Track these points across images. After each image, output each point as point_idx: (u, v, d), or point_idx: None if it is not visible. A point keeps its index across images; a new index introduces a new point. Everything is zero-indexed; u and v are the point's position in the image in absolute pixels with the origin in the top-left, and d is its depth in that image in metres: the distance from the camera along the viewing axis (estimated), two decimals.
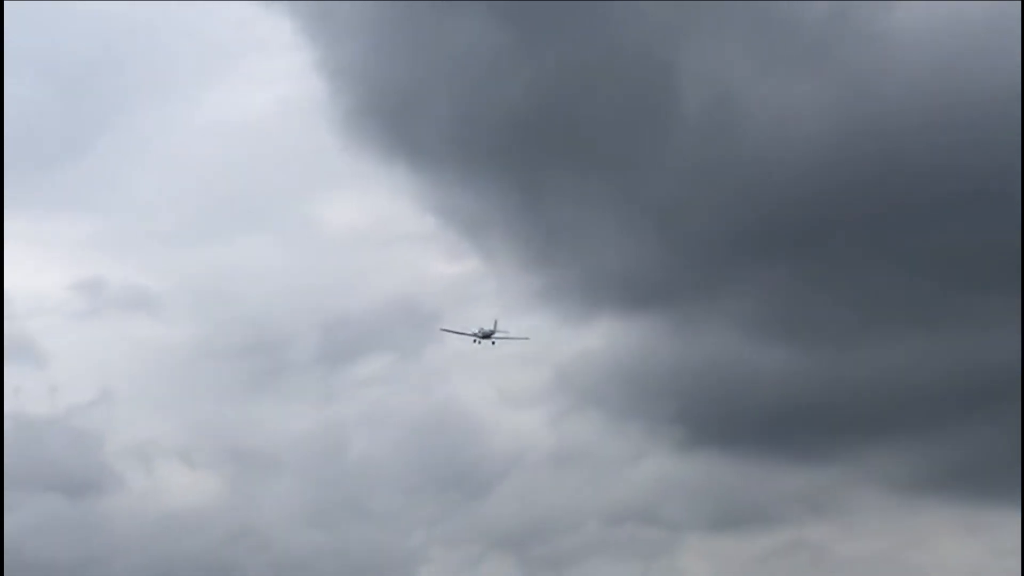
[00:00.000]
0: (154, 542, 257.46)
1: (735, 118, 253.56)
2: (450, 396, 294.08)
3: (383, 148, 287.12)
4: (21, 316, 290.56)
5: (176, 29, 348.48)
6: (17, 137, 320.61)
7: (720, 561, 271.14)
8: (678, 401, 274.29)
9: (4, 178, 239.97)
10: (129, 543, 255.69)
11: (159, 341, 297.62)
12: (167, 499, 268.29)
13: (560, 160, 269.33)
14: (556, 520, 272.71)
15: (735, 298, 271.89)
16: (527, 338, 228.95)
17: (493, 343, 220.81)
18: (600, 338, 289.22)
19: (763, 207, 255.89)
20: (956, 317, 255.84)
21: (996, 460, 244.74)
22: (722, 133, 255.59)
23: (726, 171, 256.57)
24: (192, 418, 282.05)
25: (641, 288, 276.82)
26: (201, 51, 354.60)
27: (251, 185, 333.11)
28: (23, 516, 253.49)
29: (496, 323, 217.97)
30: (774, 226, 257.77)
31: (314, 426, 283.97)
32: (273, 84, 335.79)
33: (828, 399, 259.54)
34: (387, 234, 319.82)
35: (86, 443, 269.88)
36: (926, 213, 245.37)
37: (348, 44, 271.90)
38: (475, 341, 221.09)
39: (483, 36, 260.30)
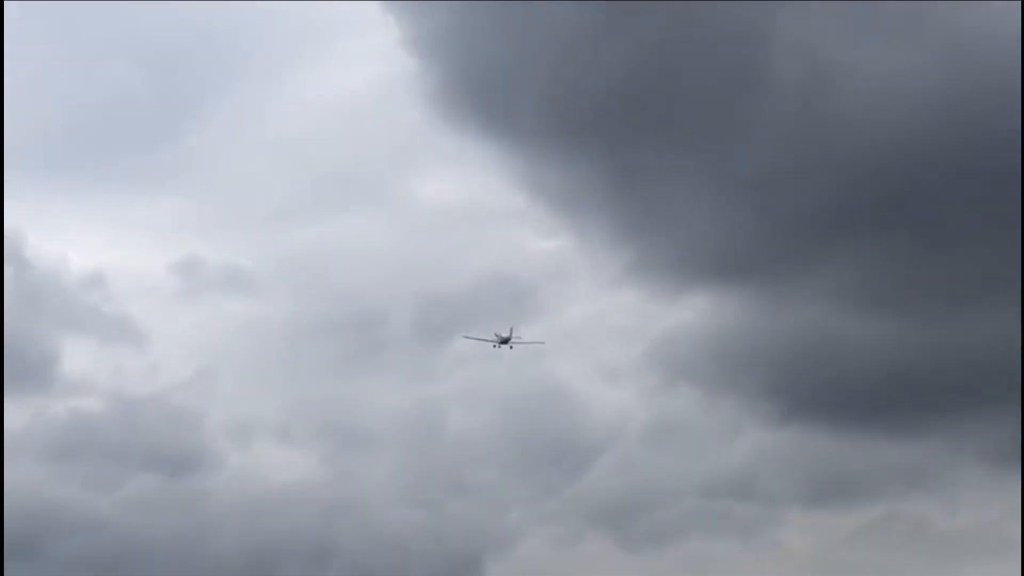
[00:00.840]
0: (252, 519, 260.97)
1: (828, 89, 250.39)
2: (545, 372, 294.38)
3: (474, 125, 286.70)
4: (120, 297, 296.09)
5: (266, 11, 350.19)
6: (113, 120, 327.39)
7: (818, 535, 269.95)
8: (773, 374, 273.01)
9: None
10: (227, 520, 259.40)
11: (257, 319, 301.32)
12: (265, 476, 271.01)
13: (651, 134, 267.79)
14: (653, 495, 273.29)
15: (829, 270, 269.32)
16: (543, 343, 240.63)
17: (511, 347, 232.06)
18: (693, 312, 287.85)
19: (857, 177, 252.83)
20: None
21: None
22: (815, 104, 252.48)
23: (819, 142, 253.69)
24: (290, 396, 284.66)
25: (734, 261, 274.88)
26: (291, 32, 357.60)
27: (344, 164, 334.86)
28: (124, 493, 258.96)
29: (512, 330, 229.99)
30: (869, 196, 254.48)
31: (411, 403, 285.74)
32: (363, 63, 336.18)
33: (925, 371, 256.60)
34: (480, 211, 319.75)
35: (185, 421, 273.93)
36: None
37: (436, 22, 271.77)
38: (494, 346, 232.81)
39: (573, 11, 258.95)
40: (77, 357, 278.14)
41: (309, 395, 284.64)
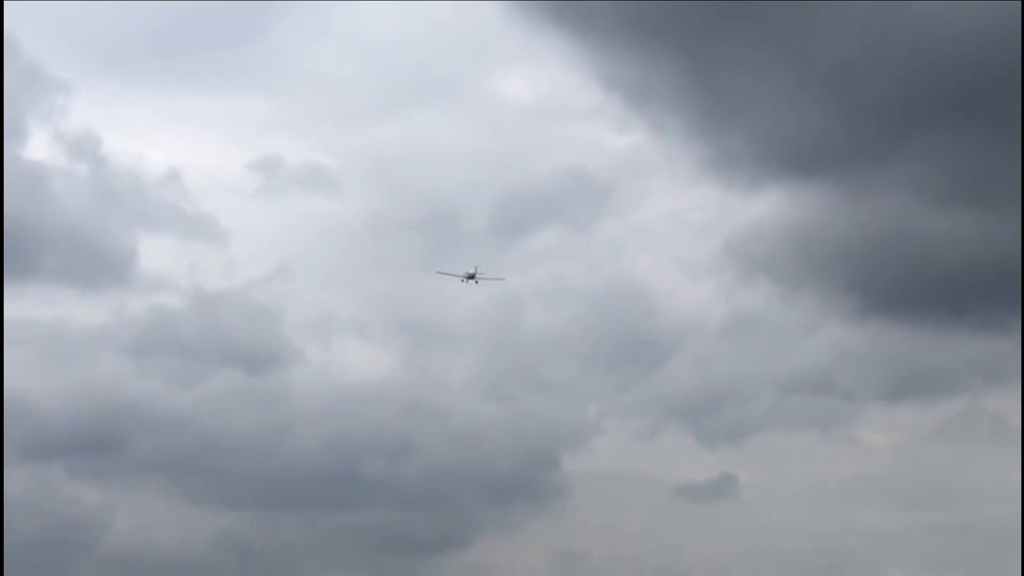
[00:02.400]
0: (331, 414, 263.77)
1: None
2: (622, 268, 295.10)
3: (549, 21, 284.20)
4: (200, 194, 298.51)
5: None
6: (194, 19, 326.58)
7: (897, 430, 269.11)
8: (852, 269, 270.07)
9: None
10: (307, 415, 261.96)
11: (335, 217, 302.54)
12: (344, 372, 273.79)
13: (728, 26, 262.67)
14: (731, 390, 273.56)
15: (910, 163, 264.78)
16: (503, 278, 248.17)
17: (476, 282, 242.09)
18: (770, 206, 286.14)
19: (939, 68, 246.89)
20: None
21: None
22: None
23: (899, 32, 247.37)
24: (368, 292, 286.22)
25: (812, 154, 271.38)
26: None
27: (422, 62, 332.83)
28: (204, 390, 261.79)
29: (476, 267, 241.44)
30: (951, 88, 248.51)
31: (488, 299, 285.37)
32: None
33: (1005, 264, 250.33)
34: (557, 107, 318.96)
35: (264, 318, 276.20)
36: None
37: None
38: (462, 281, 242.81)
39: None
40: (156, 254, 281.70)
41: (388, 292, 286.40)
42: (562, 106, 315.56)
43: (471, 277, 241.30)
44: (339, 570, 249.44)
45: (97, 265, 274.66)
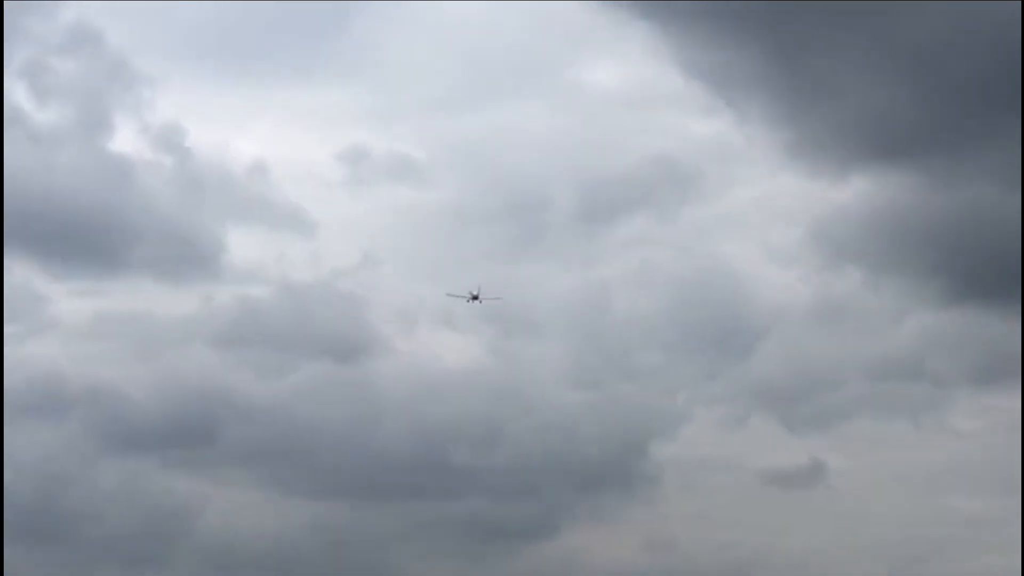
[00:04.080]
0: (420, 404, 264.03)
1: None
2: (709, 254, 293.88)
3: (635, 6, 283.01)
4: (287, 186, 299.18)
5: None
6: (280, 10, 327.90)
7: (989, 416, 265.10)
8: (939, 254, 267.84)
9: None
10: (395, 405, 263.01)
11: (422, 206, 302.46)
12: (432, 362, 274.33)
13: (810, 8, 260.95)
14: (819, 377, 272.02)
15: (998, 147, 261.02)
16: (500, 298, 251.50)
17: (480, 302, 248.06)
18: (857, 191, 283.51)
19: None
20: None
21: None
22: None
23: (986, 12, 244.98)
24: (455, 281, 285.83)
25: (898, 139, 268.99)
26: None
27: (508, 52, 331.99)
28: (292, 380, 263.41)
29: (479, 288, 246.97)
30: None
31: (576, 287, 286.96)
32: None
33: None
34: (641, 93, 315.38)
35: (352, 308, 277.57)
36: None
37: None
38: (468, 301, 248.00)
39: None
40: (243, 245, 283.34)
41: (475, 280, 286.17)
42: (646, 94, 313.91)
43: (475, 298, 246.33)
44: (429, 559, 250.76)
45: (185, 257, 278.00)
